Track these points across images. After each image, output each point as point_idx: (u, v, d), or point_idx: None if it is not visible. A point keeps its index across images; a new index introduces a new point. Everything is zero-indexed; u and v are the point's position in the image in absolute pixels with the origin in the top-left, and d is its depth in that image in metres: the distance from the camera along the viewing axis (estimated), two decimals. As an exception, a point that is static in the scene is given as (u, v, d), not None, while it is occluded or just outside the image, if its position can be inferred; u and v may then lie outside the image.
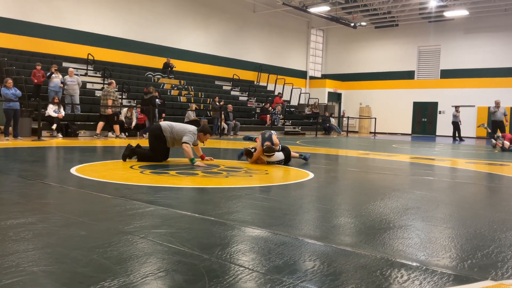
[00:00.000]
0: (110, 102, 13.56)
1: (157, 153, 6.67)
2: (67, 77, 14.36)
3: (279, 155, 7.07)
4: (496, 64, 25.48)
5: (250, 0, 25.46)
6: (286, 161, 7.21)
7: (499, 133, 13.38)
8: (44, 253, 2.30)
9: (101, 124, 13.63)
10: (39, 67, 14.06)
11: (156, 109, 15.67)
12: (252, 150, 7.16)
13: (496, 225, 3.30)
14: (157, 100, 16.13)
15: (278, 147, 7.14)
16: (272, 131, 7.40)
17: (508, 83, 25.08)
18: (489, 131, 13.61)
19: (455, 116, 21.15)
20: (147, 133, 7.14)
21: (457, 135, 21.14)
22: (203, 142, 6.95)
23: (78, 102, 14.71)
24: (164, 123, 6.71)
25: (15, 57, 15.89)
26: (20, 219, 3.01)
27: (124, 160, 6.73)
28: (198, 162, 6.47)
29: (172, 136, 6.51)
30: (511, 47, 25.08)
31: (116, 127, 13.83)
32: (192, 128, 6.59)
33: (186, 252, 2.40)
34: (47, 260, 2.21)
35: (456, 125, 21.15)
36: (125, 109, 15.13)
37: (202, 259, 2.28)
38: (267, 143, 6.92)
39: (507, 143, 12.58)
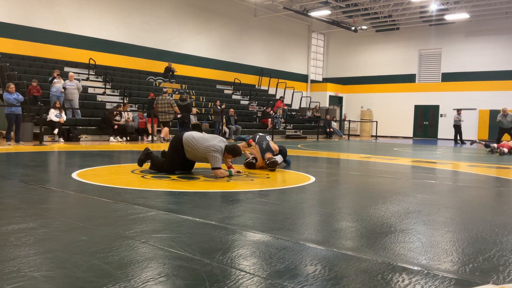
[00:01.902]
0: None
1: (170, 164, 6.00)
2: (67, 81, 14.42)
3: (278, 159, 7.04)
4: (497, 67, 25.48)
5: (251, 5, 25.54)
6: (283, 157, 7.22)
7: (495, 144, 13.38)
8: (45, 258, 2.30)
9: (166, 130, 14.83)
10: (35, 84, 14.07)
11: (191, 115, 16.72)
12: (254, 161, 6.89)
13: (497, 228, 3.29)
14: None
15: (277, 151, 7.09)
16: (267, 137, 7.19)
17: (509, 86, 25.07)
18: (483, 143, 13.68)
19: (458, 119, 21.06)
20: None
21: (458, 138, 21.10)
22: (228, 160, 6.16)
23: (77, 106, 14.73)
24: (187, 134, 5.96)
25: (17, 62, 15.95)
26: (22, 224, 3.01)
27: (140, 165, 6.29)
28: (233, 170, 6.02)
29: (192, 150, 5.79)
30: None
31: (165, 130, 14.95)
32: (217, 146, 5.73)
33: (187, 256, 2.39)
34: (48, 265, 2.21)
35: (458, 128, 21.10)
36: (125, 113, 15.17)
37: (203, 264, 2.28)
38: (268, 155, 6.74)
39: (505, 149, 12.63)
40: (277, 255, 2.48)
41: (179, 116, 15.41)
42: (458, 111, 21.61)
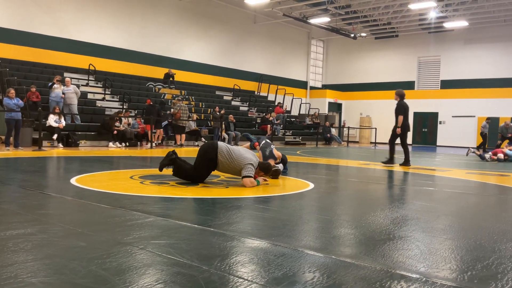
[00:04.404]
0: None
1: (199, 174, 5.75)
2: (64, 87, 14.44)
3: (280, 167, 7.03)
4: (496, 74, 25.57)
5: (251, 11, 25.64)
6: (284, 165, 7.24)
7: (485, 156, 13.38)
8: (43, 264, 2.30)
9: (183, 136, 15.87)
10: (33, 89, 14.07)
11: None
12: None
13: (496, 236, 3.29)
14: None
15: (279, 159, 7.08)
16: (271, 144, 7.18)
17: (508, 94, 25.14)
18: (478, 153, 13.75)
19: (486, 127, 20.28)
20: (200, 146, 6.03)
21: (482, 146, 20.19)
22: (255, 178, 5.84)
23: (76, 111, 14.73)
24: (223, 145, 5.73)
25: (17, 67, 15.97)
26: (20, 229, 3.01)
27: (161, 170, 6.00)
28: (260, 180, 5.86)
29: (228, 162, 5.60)
30: (510, 58, 25.19)
31: (183, 136, 15.97)
32: (254, 159, 5.69)
33: (185, 263, 2.39)
34: (46, 271, 2.20)
35: (484, 137, 20.31)
36: (124, 119, 15.19)
37: (201, 271, 2.27)
38: (271, 163, 6.74)
39: (501, 155, 12.67)
40: (276, 262, 2.47)
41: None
42: (488, 119, 20.83)
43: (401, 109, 9.90)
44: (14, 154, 9.85)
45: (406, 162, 10.04)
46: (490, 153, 13.21)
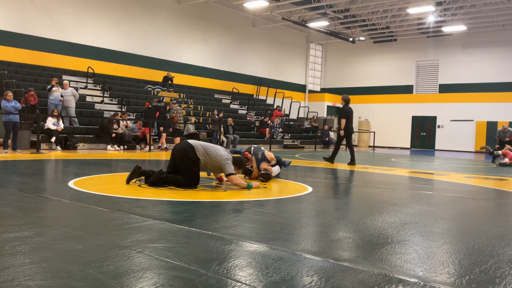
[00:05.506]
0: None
1: (191, 180, 5.64)
2: (62, 90, 14.44)
3: (276, 170, 7.00)
4: (494, 78, 25.65)
5: (250, 15, 25.69)
6: (280, 165, 7.21)
7: (499, 152, 13.43)
8: (40, 267, 2.29)
9: (177, 139, 15.64)
10: (32, 92, 14.06)
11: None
12: (250, 167, 6.87)
13: (494, 240, 3.29)
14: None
15: (274, 161, 7.03)
16: (261, 147, 7.14)
17: (506, 98, 25.22)
18: (491, 150, 13.86)
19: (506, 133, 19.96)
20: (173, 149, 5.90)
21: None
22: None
23: (74, 114, 14.70)
24: (197, 145, 5.64)
25: (15, 70, 15.96)
26: (17, 232, 3.00)
27: (127, 181, 5.69)
28: (253, 184, 5.84)
29: (206, 160, 5.58)
30: (508, 62, 25.28)
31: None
32: (229, 155, 5.71)
33: (182, 267, 2.38)
34: (43, 274, 2.19)
35: (501, 143, 19.89)
36: (122, 121, 15.18)
37: (199, 274, 2.27)
38: (263, 165, 6.66)
39: (505, 159, 12.69)
40: (274, 265, 2.47)
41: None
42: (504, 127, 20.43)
43: (343, 113, 11.23)
44: (12, 156, 9.83)
45: (352, 162, 11.22)
46: (500, 153, 13.21)
